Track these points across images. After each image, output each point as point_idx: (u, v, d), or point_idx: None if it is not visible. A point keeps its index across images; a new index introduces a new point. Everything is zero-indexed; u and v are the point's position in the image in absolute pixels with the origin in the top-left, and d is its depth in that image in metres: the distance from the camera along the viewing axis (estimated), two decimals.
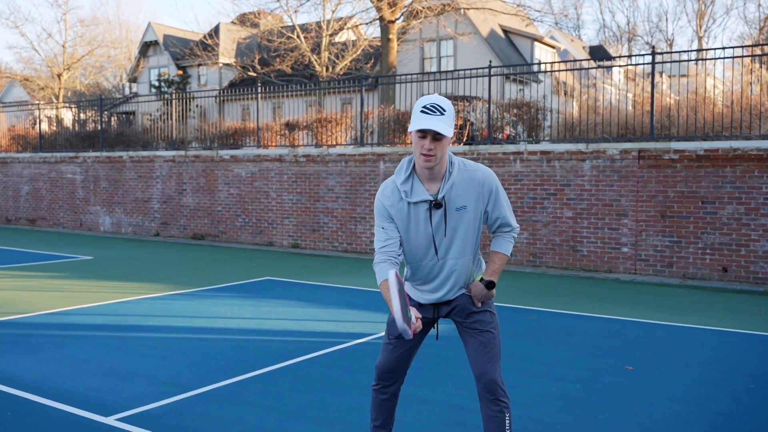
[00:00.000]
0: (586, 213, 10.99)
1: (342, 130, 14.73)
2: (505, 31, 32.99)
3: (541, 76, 25.64)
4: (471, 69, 12.36)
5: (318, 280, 10.08)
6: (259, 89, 15.28)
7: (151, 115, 23.25)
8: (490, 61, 12.49)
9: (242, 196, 14.82)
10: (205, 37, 37.13)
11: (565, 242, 11.20)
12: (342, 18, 26.55)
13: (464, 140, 13.05)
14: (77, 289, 9.02)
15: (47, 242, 14.92)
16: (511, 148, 11.69)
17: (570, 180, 11.11)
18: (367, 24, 22.73)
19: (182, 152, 15.80)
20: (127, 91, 42.94)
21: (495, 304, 3.37)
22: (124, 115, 28.75)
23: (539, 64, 12.86)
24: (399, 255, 3.11)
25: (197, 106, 29.35)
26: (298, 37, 24.80)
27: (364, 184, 13.17)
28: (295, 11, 23.74)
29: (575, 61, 12.42)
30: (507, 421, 3.14)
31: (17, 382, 4.98)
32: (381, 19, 19.16)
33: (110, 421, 4.25)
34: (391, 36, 19.16)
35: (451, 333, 5.52)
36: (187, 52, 34.79)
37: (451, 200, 3.08)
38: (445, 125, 2.94)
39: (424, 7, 20.14)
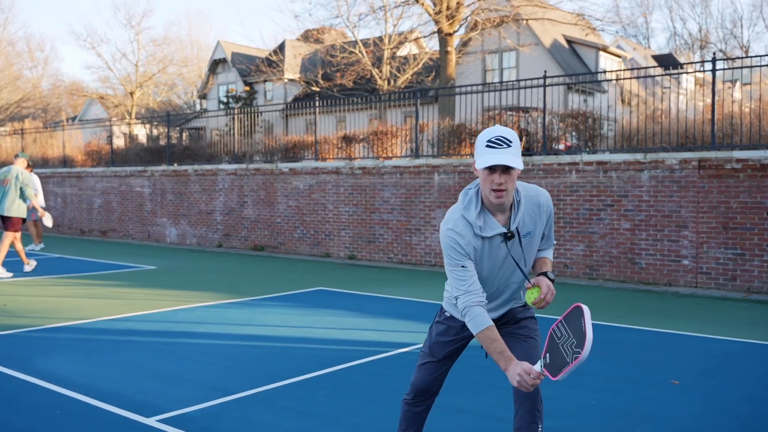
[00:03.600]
0: (644, 224, 10.72)
1: (398, 143, 14.83)
2: (568, 41, 32.58)
3: (605, 86, 25.19)
4: (526, 79, 12.28)
5: (370, 290, 10.15)
6: (317, 103, 15.56)
7: (219, 130, 23.99)
8: (545, 71, 12.38)
9: (300, 208, 15.08)
10: (270, 54, 38.05)
11: (622, 254, 10.95)
12: (402, 33, 26.81)
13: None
14: (137, 297, 9.36)
15: (116, 253, 15.52)
16: (566, 158, 11.53)
17: (627, 191, 10.87)
18: (425, 37, 22.84)
19: (244, 165, 16.22)
20: (197, 108, 44.39)
21: (545, 315, 3.35)
22: (195, 131, 29.67)
23: (596, 73, 12.64)
24: (484, 292, 3.00)
25: (263, 120, 30.13)
26: (360, 51, 25.16)
27: (419, 195, 13.21)
28: (355, 26, 24.02)
29: (632, 69, 12.17)
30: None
31: (71, 383, 5.22)
32: (439, 31, 19.23)
33: (151, 422, 4.41)
34: (449, 48, 19.20)
35: None
36: (253, 69, 35.65)
37: (521, 228, 3.02)
38: (514, 157, 2.81)
39: (483, 19, 20.12)
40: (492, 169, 2.81)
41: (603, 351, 6.47)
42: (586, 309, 2.76)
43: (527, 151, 12.97)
